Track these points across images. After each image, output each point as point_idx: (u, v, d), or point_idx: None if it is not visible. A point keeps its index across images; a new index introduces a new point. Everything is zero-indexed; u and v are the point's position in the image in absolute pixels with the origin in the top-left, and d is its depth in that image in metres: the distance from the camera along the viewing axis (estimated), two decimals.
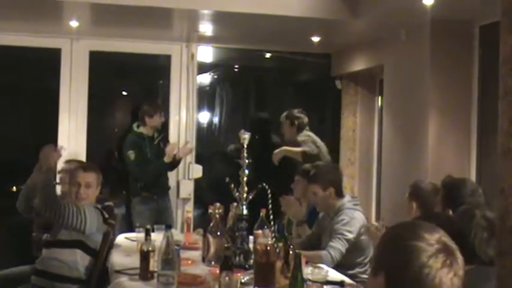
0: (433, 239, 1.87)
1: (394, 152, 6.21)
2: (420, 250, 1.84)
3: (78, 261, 4.32)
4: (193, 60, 7.24)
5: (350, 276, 4.09)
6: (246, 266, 3.85)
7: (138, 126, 6.51)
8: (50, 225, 4.50)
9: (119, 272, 3.87)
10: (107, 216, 4.46)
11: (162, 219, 6.05)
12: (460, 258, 1.88)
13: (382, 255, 1.94)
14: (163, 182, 6.62)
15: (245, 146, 4.04)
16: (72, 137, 6.26)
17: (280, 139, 7.04)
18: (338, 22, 5.90)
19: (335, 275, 3.93)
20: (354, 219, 4.52)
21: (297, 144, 6.32)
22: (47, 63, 7.11)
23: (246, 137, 4.05)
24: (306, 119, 6.52)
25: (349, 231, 4.46)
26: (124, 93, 7.89)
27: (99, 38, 6.98)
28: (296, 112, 6.56)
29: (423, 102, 5.68)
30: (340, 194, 4.69)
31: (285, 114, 6.58)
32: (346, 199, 4.67)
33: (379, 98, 7.25)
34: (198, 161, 7.18)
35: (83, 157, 6.74)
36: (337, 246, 4.39)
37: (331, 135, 7.60)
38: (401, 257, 1.85)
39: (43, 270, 4.34)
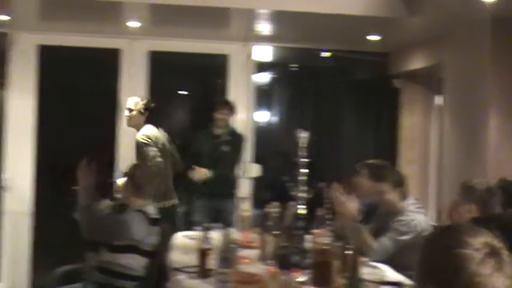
0: (479, 243, 1.81)
1: (455, 151, 6.12)
2: (468, 258, 1.79)
3: (134, 263, 4.37)
4: (250, 59, 7.27)
5: (410, 277, 4.05)
6: (303, 265, 3.85)
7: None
8: None
9: (177, 269, 3.91)
10: (154, 217, 4.50)
11: (221, 218, 6.09)
12: (506, 256, 1.82)
13: (428, 266, 1.87)
14: (225, 182, 6.65)
15: (303, 146, 4.03)
16: (131, 137, 6.31)
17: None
18: (396, 20, 5.85)
19: (393, 276, 3.89)
20: (414, 221, 4.45)
21: None
22: (106, 63, 7.20)
23: (303, 136, 4.05)
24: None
25: (404, 233, 4.39)
26: (182, 92, 7.95)
27: (157, 38, 7.05)
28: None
29: (484, 101, 5.58)
30: (405, 195, 4.63)
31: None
32: (410, 201, 4.61)
33: (438, 96, 7.15)
34: (256, 160, 7.20)
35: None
36: (385, 244, 4.34)
37: (389, 134, 7.53)
38: (449, 267, 1.80)
39: (103, 267, 4.42)
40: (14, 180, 6.85)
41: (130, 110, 6.25)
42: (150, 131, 6.17)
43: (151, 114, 6.27)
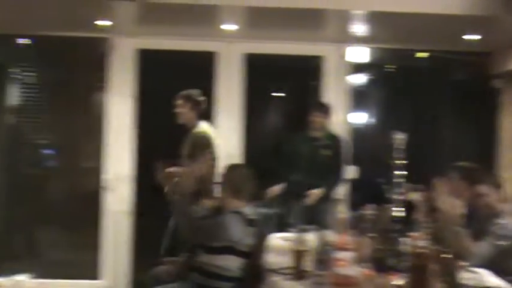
0: None
1: None
2: None
3: (231, 264, 4.41)
4: (345, 61, 7.24)
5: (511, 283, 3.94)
6: (400, 268, 3.81)
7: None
8: None
9: (273, 271, 3.93)
10: (251, 217, 4.53)
11: (317, 220, 6.06)
12: None
13: None
14: (323, 184, 6.62)
15: (399, 147, 3.99)
16: (227, 139, 6.41)
17: None
18: (496, 19, 5.71)
19: (493, 281, 3.80)
20: None
21: None
22: (202, 66, 7.29)
23: (399, 137, 4.01)
24: None
25: (503, 237, 4.28)
26: (277, 94, 7.98)
27: (253, 41, 7.11)
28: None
29: None
30: (503, 198, 4.52)
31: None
32: (509, 205, 4.49)
33: None
34: (352, 161, 7.16)
35: (237, 158, 6.91)
36: (484, 248, 4.24)
37: (488, 136, 7.36)
38: None
39: (200, 268, 4.48)
40: (115, 180, 7.04)
41: (181, 105, 6.22)
42: (207, 127, 6.19)
43: (202, 110, 6.26)
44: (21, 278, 6.83)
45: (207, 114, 6.33)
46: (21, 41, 7.40)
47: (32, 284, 6.82)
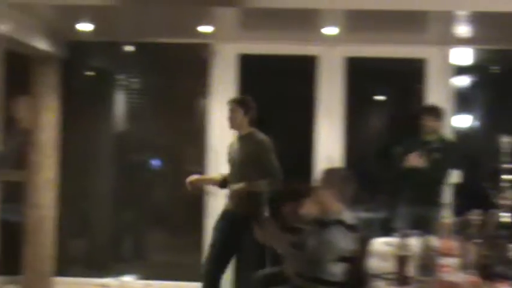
0: None
1: None
2: None
3: (334, 269, 4.40)
4: (448, 63, 7.11)
5: None
6: (508, 276, 3.71)
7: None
8: None
9: (376, 276, 3.90)
10: (352, 223, 4.50)
11: (422, 225, 5.95)
12: None
13: None
14: (432, 189, 6.51)
15: (506, 151, 3.90)
16: (328, 143, 6.39)
17: None
18: None
19: None
20: None
21: None
22: (303, 70, 7.30)
23: (506, 141, 3.91)
24: None
25: None
26: (379, 98, 7.91)
27: (354, 44, 7.07)
28: None
29: None
30: None
31: None
32: None
33: None
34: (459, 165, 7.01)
35: (339, 162, 6.88)
36: None
37: None
38: None
39: (303, 273, 4.48)
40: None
41: (234, 110, 6.02)
42: (261, 133, 6.04)
43: (254, 116, 6.08)
44: (128, 279, 7.01)
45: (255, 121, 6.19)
46: (126, 48, 7.61)
47: (138, 285, 7.00)
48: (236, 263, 6.06)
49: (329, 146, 7.02)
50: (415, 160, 6.24)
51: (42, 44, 6.70)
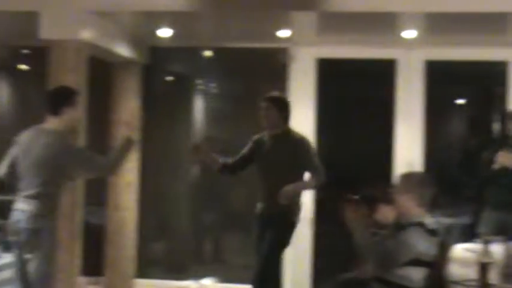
0: None
1: None
2: None
3: (414, 274, 4.35)
4: None
5: None
6: None
7: None
8: None
9: (456, 283, 3.85)
10: (432, 227, 4.44)
11: (506, 230, 5.80)
12: None
13: None
14: None
15: None
16: (408, 147, 6.32)
17: None
18: None
19: None
20: None
21: None
22: (381, 74, 7.25)
23: None
24: None
25: None
26: (460, 101, 7.80)
27: (434, 47, 6.98)
28: None
29: None
30: None
31: None
32: None
33: None
34: None
35: (418, 166, 6.81)
36: None
37: None
38: None
39: (383, 278, 4.45)
40: None
41: (267, 108, 5.73)
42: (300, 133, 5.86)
43: (289, 114, 5.83)
44: (208, 281, 7.09)
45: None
46: (205, 53, 7.70)
47: None
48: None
49: (408, 150, 6.95)
50: (505, 158, 6.08)
51: (124, 50, 6.85)
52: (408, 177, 4.77)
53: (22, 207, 4.79)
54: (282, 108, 5.78)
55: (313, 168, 5.68)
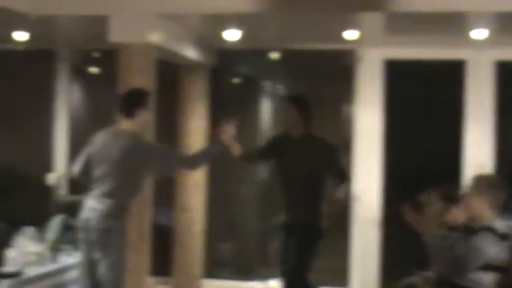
0: None
1: None
2: None
3: (486, 279, 4.29)
4: None
5: None
6: None
7: None
8: None
9: None
10: (503, 232, 4.36)
11: None
12: None
13: None
14: None
15: None
16: (478, 149, 6.22)
17: None
18: None
19: None
20: None
21: None
22: (450, 75, 7.15)
23: None
24: None
25: None
26: None
27: (505, 47, 6.84)
28: None
29: None
30: None
31: None
32: None
33: None
34: None
35: (489, 169, 6.70)
36: None
37: None
38: None
39: (453, 283, 4.39)
40: (364, 190, 7.09)
41: (292, 109, 5.70)
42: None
43: (311, 116, 5.78)
44: (273, 283, 7.09)
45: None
46: (271, 55, 7.72)
47: None
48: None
49: (478, 152, 6.84)
50: None
51: (191, 53, 6.91)
52: (480, 179, 4.71)
53: (95, 206, 4.85)
54: (302, 107, 5.73)
55: (343, 173, 5.77)
